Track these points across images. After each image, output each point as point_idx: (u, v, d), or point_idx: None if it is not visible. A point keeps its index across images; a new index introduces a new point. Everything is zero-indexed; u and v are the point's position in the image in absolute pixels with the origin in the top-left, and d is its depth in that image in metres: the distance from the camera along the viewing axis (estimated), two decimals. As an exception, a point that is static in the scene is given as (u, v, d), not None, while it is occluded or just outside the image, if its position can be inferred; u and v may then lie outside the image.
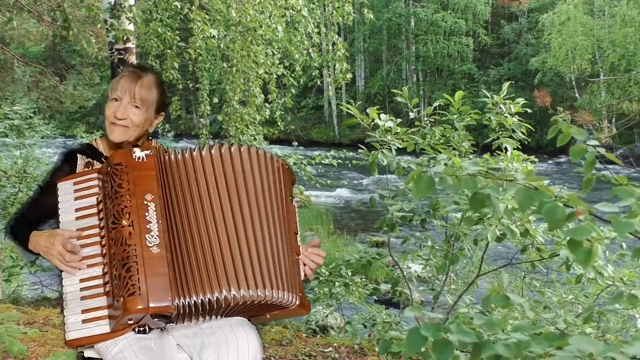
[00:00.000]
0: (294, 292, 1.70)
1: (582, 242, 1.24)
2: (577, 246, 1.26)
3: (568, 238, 1.27)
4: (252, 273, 1.63)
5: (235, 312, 1.72)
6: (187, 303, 1.58)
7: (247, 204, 1.69)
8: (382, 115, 2.86)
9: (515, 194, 1.32)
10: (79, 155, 1.84)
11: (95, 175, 1.73)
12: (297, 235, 1.81)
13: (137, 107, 1.78)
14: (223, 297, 1.59)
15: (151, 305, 1.52)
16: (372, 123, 2.86)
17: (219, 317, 1.73)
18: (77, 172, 1.81)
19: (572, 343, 1.10)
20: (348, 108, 2.85)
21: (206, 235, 1.64)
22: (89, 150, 1.87)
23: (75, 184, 1.74)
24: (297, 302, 1.71)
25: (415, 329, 1.22)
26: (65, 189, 1.74)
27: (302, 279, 1.79)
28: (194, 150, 1.71)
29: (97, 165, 1.82)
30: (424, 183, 1.39)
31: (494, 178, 1.38)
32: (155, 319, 1.60)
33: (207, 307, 1.62)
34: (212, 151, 1.71)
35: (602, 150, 1.46)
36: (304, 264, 1.82)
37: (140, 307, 1.52)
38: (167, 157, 1.70)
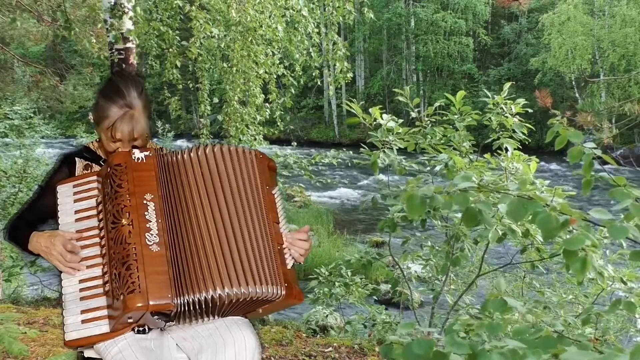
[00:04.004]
0: (277, 285, 1.68)
1: (576, 251, 1.25)
2: (572, 256, 1.26)
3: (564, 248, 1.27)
4: (234, 271, 1.63)
5: (228, 311, 1.72)
6: (185, 301, 1.58)
7: (224, 203, 1.70)
8: (384, 115, 2.86)
9: (508, 205, 1.32)
10: (77, 159, 1.86)
11: (94, 177, 1.75)
12: (279, 224, 1.79)
13: (136, 139, 1.78)
14: (210, 296, 1.60)
15: (151, 302, 1.53)
16: (374, 122, 2.86)
17: (214, 317, 1.73)
18: (76, 174, 1.82)
19: (568, 354, 1.09)
20: (350, 107, 2.85)
21: (192, 236, 1.65)
22: (87, 153, 1.89)
23: (74, 186, 1.76)
24: (283, 293, 1.69)
25: (408, 345, 1.22)
26: (65, 192, 1.76)
27: (289, 267, 1.76)
28: (178, 153, 1.74)
29: (96, 167, 1.84)
30: (416, 203, 1.40)
31: (486, 191, 1.38)
32: (155, 317, 1.61)
33: (202, 306, 1.62)
34: (192, 154, 1.73)
35: (599, 152, 1.46)
36: (291, 251, 1.79)
37: (140, 304, 1.53)
38: (165, 158, 1.73)
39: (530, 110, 3.01)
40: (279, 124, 6.58)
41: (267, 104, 6.26)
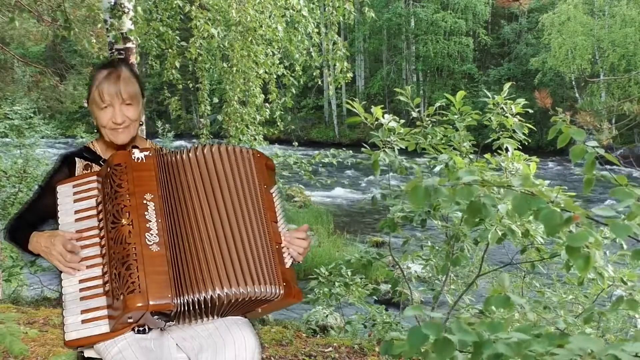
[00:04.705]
0: (275, 284, 1.68)
1: (580, 248, 1.25)
2: (575, 252, 1.26)
3: (566, 244, 1.27)
4: (233, 271, 1.63)
5: (227, 311, 1.72)
6: (184, 301, 1.58)
7: (222, 203, 1.70)
8: (386, 115, 2.86)
9: (512, 201, 1.32)
10: (77, 159, 1.86)
11: (94, 177, 1.75)
12: (278, 223, 1.79)
13: (129, 104, 1.79)
14: (209, 296, 1.60)
15: (151, 302, 1.53)
16: (376, 122, 2.86)
17: (214, 317, 1.73)
18: (76, 175, 1.82)
19: (573, 342, 1.10)
20: (352, 106, 2.84)
21: (192, 236, 1.65)
22: (87, 154, 1.89)
23: (74, 186, 1.76)
24: (281, 292, 1.68)
25: (416, 327, 1.22)
26: (65, 192, 1.76)
27: (288, 266, 1.76)
28: (178, 153, 1.74)
29: (96, 168, 1.84)
30: (420, 194, 1.40)
31: (490, 185, 1.38)
32: (155, 317, 1.61)
33: (201, 306, 1.62)
34: (190, 154, 1.74)
35: (602, 151, 1.46)
36: (290, 250, 1.78)
37: (140, 304, 1.53)
38: (165, 158, 1.73)
39: (530, 111, 3.01)
40: (279, 124, 6.57)
41: (267, 104, 6.25)
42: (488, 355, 1.20)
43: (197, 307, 1.61)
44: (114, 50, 4.63)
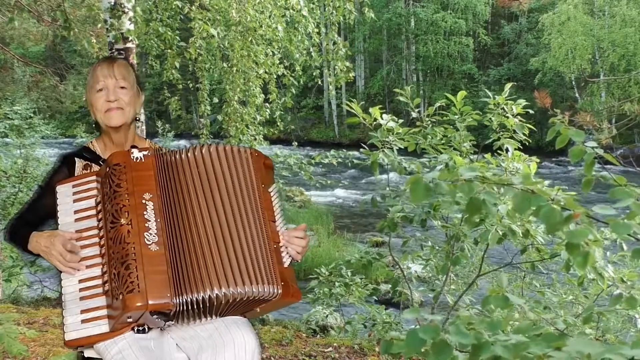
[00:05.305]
0: (273, 284, 1.68)
1: (579, 244, 1.25)
2: (574, 249, 1.26)
3: (566, 241, 1.27)
4: (230, 271, 1.64)
5: (226, 311, 1.72)
6: (183, 301, 1.59)
7: (220, 202, 1.70)
8: (384, 115, 2.85)
9: (512, 198, 1.32)
10: (76, 159, 1.87)
11: (93, 177, 1.76)
12: (276, 223, 1.79)
13: (122, 87, 1.83)
14: (207, 296, 1.60)
15: (150, 302, 1.53)
16: (374, 122, 2.85)
17: (213, 317, 1.73)
18: (75, 175, 1.83)
19: (571, 345, 1.09)
20: (350, 107, 2.84)
21: (190, 236, 1.65)
22: (87, 154, 1.90)
23: (74, 186, 1.77)
24: (280, 292, 1.68)
25: (413, 330, 1.22)
26: (64, 192, 1.76)
27: (286, 265, 1.76)
28: (176, 153, 1.75)
29: (95, 167, 1.85)
30: (420, 189, 1.40)
31: (490, 182, 1.38)
32: (154, 317, 1.61)
33: (200, 306, 1.62)
34: (189, 154, 1.74)
35: (601, 151, 1.46)
36: (288, 249, 1.79)
37: (139, 304, 1.53)
38: (164, 158, 1.73)
39: (530, 111, 3.00)
40: (279, 124, 6.57)
41: (267, 104, 6.25)
42: (486, 358, 1.20)
43: (196, 306, 1.61)
44: (114, 50, 4.63)
